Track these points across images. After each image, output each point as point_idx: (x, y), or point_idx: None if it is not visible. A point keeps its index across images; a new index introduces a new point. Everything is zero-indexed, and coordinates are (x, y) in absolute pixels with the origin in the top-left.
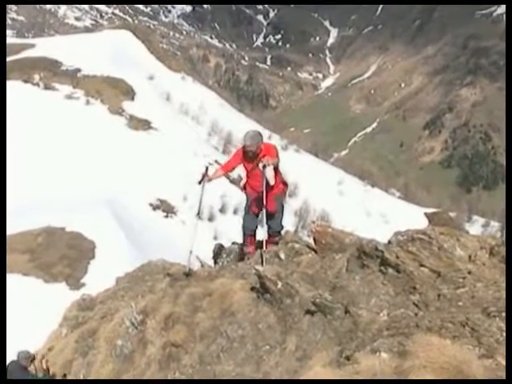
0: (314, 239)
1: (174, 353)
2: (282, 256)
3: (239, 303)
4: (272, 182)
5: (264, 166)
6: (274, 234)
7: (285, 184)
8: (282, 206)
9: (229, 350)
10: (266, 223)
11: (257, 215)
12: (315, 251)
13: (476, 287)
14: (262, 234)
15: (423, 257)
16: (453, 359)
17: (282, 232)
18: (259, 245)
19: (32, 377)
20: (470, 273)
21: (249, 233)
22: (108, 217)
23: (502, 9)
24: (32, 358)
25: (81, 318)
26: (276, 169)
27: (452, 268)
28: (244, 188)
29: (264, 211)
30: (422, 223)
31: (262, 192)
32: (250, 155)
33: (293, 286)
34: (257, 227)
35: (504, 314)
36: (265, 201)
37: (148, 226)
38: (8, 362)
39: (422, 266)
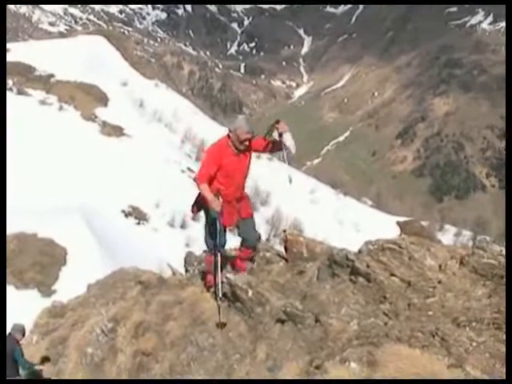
0: (286, 248)
1: (145, 361)
2: (254, 264)
3: (210, 312)
4: (295, 149)
5: (281, 134)
6: (248, 244)
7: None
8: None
9: (199, 358)
10: (240, 235)
11: (226, 229)
12: (286, 260)
13: (446, 297)
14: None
15: (394, 266)
16: (422, 370)
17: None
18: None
19: (19, 351)
20: (440, 282)
21: (217, 250)
22: (80, 223)
23: (474, 19)
24: (23, 332)
25: (51, 325)
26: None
27: (422, 278)
28: (198, 202)
29: (239, 220)
30: (394, 232)
31: (240, 197)
32: (242, 148)
33: (263, 294)
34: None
35: (474, 324)
36: (240, 206)
37: (120, 233)
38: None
39: (392, 275)
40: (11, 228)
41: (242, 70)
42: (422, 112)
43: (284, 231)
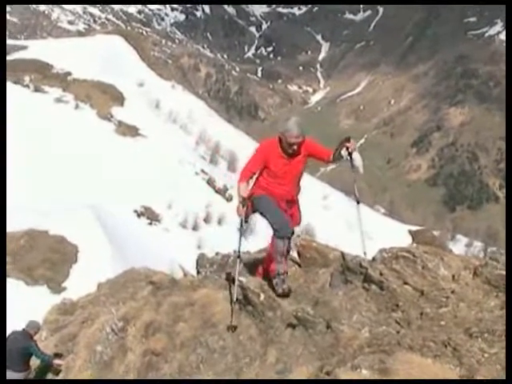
0: (298, 253)
1: (154, 361)
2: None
3: (221, 314)
4: (362, 169)
5: (350, 154)
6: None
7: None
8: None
9: (209, 360)
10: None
11: (286, 212)
12: (299, 265)
13: (459, 307)
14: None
15: (407, 275)
16: (434, 378)
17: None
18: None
19: (35, 346)
20: (453, 292)
21: (282, 235)
22: (92, 222)
23: (493, 30)
24: (37, 330)
25: (61, 322)
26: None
27: (435, 287)
28: (252, 193)
29: None
30: (406, 240)
31: (291, 200)
32: (290, 152)
33: (275, 298)
34: (290, 227)
35: (486, 335)
36: (292, 210)
37: (132, 232)
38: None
39: (405, 283)
40: (22, 224)
41: (259, 74)
42: (438, 121)
43: (298, 236)
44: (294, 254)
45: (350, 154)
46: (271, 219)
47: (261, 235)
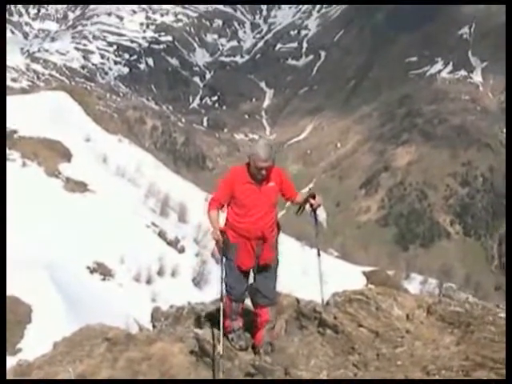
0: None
1: None
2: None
3: (179, 367)
4: (325, 224)
5: (314, 210)
6: (265, 303)
7: (279, 227)
8: (278, 262)
9: None
10: (255, 286)
11: (247, 273)
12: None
13: (414, 346)
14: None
15: (361, 317)
16: None
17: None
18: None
19: None
20: (408, 332)
21: (235, 299)
22: (45, 280)
23: (434, 69)
24: None
25: None
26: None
27: (390, 327)
28: (220, 235)
29: (254, 267)
30: (360, 282)
31: (262, 237)
32: (259, 177)
33: (232, 349)
34: (246, 291)
35: (443, 372)
36: (261, 249)
37: (85, 289)
38: None
39: (360, 326)
40: None
41: (205, 124)
42: (385, 162)
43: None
44: (248, 301)
45: (314, 211)
46: (227, 278)
47: (214, 285)
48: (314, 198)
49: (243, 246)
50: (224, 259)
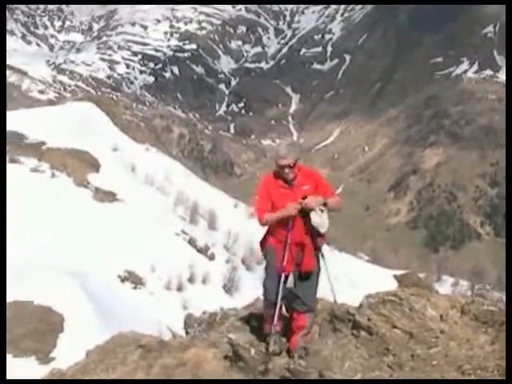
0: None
1: None
2: (254, 323)
3: (213, 372)
4: (325, 229)
5: (308, 212)
6: (303, 309)
7: (322, 235)
8: (320, 268)
9: None
10: (294, 292)
11: (285, 278)
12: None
13: (449, 346)
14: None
15: (395, 318)
16: None
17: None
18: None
19: None
20: (442, 332)
21: (271, 304)
22: (77, 289)
23: (460, 69)
24: None
25: None
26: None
27: (424, 328)
28: (263, 241)
29: (295, 273)
30: (391, 285)
31: (300, 242)
32: (286, 178)
33: (266, 353)
34: (285, 296)
35: (479, 371)
36: (301, 256)
37: (117, 298)
38: None
39: (394, 327)
40: (8, 295)
41: (232, 131)
42: (413, 164)
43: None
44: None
45: (308, 213)
46: (264, 281)
47: (245, 291)
48: (304, 198)
49: (282, 251)
50: (264, 263)
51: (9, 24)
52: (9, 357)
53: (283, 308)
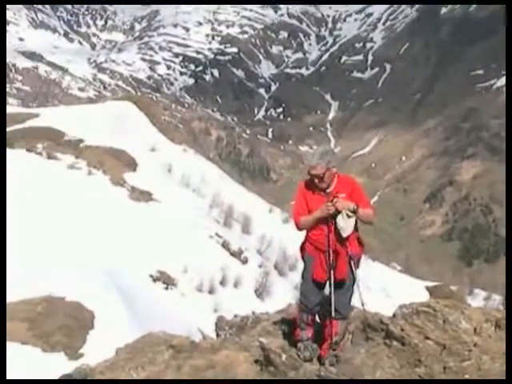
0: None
1: None
2: (286, 329)
3: (243, 375)
4: (346, 234)
5: (336, 214)
6: (336, 317)
7: (362, 244)
8: (355, 277)
9: None
10: (328, 299)
11: (321, 285)
12: None
13: (482, 360)
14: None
15: (428, 329)
16: None
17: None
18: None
19: None
20: (475, 345)
21: (306, 309)
22: (108, 287)
23: (501, 81)
24: None
25: None
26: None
27: (457, 340)
28: (302, 247)
29: (330, 280)
30: (423, 296)
31: (334, 250)
32: (317, 185)
33: (297, 358)
34: (320, 302)
35: None
36: (333, 262)
37: (148, 297)
38: None
39: (427, 338)
40: (40, 290)
41: (270, 136)
42: (450, 176)
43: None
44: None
45: (336, 214)
46: (301, 286)
47: (276, 297)
48: (332, 199)
49: (317, 258)
50: (302, 269)
51: (52, 22)
52: (38, 351)
53: (317, 315)
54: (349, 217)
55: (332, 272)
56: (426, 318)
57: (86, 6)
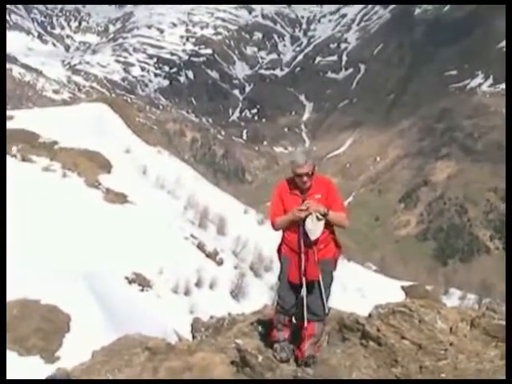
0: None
1: None
2: (262, 330)
3: (220, 377)
4: (315, 236)
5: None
6: (312, 318)
7: (338, 246)
8: (331, 278)
9: None
10: (304, 301)
11: (297, 286)
12: None
13: (458, 359)
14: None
15: (404, 329)
16: None
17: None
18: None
19: None
20: (451, 345)
21: (283, 311)
22: (84, 290)
23: (474, 82)
24: None
25: None
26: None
27: (433, 340)
28: (278, 248)
29: (303, 282)
30: (399, 296)
31: (301, 252)
32: (303, 186)
33: (273, 360)
34: (296, 304)
35: None
36: (303, 265)
37: (124, 299)
38: None
39: (403, 338)
40: (15, 294)
41: (245, 137)
42: (425, 176)
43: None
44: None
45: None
46: (278, 289)
47: (252, 298)
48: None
49: (293, 260)
50: (279, 271)
51: (26, 23)
52: (14, 355)
53: (293, 316)
54: (318, 219)
55: (304, 274)
56: (401, 317)
57: (59, 7)
